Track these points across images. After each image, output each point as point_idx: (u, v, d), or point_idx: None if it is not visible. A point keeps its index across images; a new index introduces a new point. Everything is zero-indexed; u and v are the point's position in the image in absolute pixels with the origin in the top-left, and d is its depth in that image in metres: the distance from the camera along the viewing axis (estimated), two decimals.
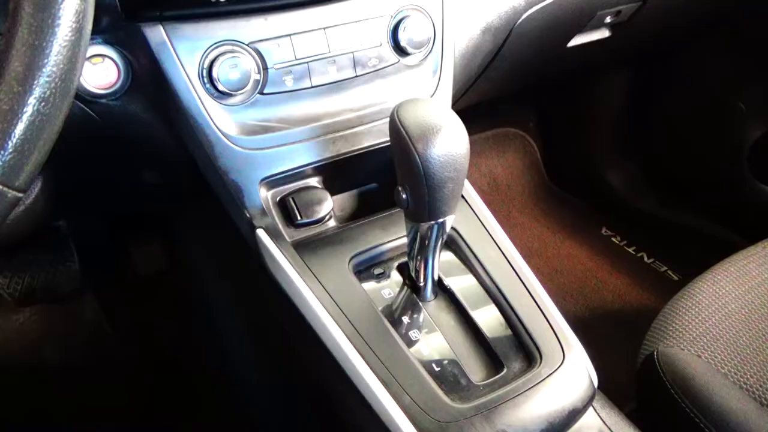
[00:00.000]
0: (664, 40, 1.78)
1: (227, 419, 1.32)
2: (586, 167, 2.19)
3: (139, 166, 1.04)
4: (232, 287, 1.23)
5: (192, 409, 1.43)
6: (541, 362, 0.79)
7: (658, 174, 2.07)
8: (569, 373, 0.78)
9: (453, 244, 0.91)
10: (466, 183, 0.95)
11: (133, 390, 1.49)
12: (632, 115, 2.06)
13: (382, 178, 0.97)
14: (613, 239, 2.04)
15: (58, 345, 1.51)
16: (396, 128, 0.71)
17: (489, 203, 1.97)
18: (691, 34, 1.77)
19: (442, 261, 0.88)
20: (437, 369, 0.78)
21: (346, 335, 0.77)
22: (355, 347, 0.76)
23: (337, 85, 0.90)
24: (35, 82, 0.50)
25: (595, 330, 1.71)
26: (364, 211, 0.95)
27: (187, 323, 1.48)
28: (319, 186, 0.93)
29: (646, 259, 1.96)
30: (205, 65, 0.81)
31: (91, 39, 0.76)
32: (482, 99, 1.52)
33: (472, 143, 2.23)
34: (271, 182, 0.88)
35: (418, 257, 0.81)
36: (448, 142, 0.69)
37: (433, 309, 0.85)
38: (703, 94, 1.84)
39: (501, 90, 1.59)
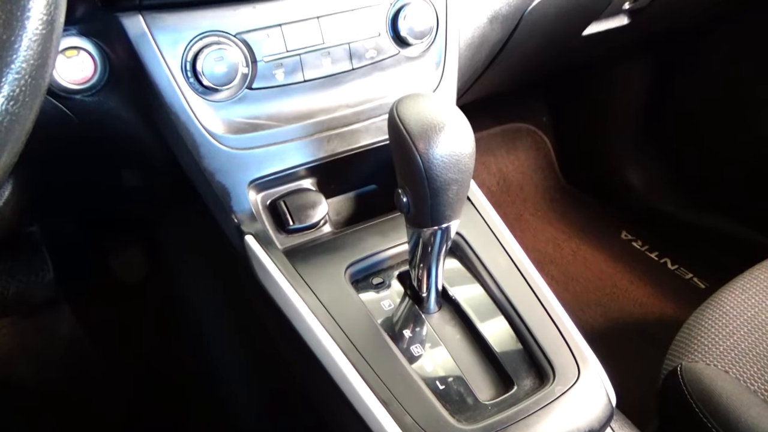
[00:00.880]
0: (687, 27, 1.78)
1: None
2: (603, 165, 2.19)
3: (119, 167, 1.04)
4: (220, 298, 1.23)
5: (176, 429, 1.43)
6: (554, 379, 0.78)
7: (682, 172, 2.07)
8: (585, 390, 0.78)
9: (458, 250, 0.90)
10: (473, 184, 0.95)
11: (113, 408, 1.49)
12: (653, 109, 2.06)
13: (381, 179, 0.96)
14: (634, 244, 2.04)
15: (31, 360, 1.51)
16: (395, 126, 0.71)
17: (498, 205, 1.96)
18: (716, 19, 1.77)
19: (447, 269, 0.87)
20: (441, 387, 0.78)
21: (342, 350, 0.77)
22: (351, 363, 0.76)
23: (331, 79, 0.90)
24: (3, 79, 0.50)
25: (614, 343, 1.71)
26: (361, 215, 0.95)
27: (170, 336, 1.48)
28: (313, 188, 0.93)
29: (669, 265, 1.95)
30: (189, 58, 0.81)
31: (65, 30, 0.76)
32: (490, 93, 1.52)
33: (479, 140, 2.24)
34: (261, 184, 0.88)
35: (421, 265, 0.81)
36: (452, 141, 0.68)
37: (436, 321, 0.85)
38: (731, 84, 1.84)
39: (510, 83, 1.59)
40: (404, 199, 0.74)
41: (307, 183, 0.92)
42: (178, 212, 1.27)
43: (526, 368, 0.81)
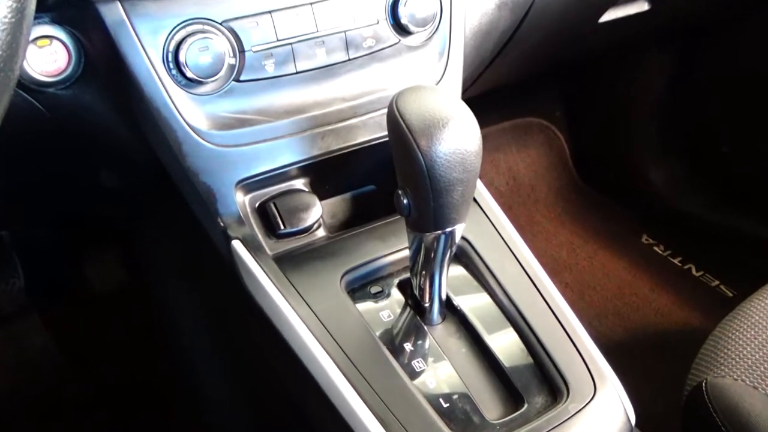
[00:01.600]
0: (714, 12, 1.78)
1: None
2: (622, 163, 2.19)
3: (95, 166, 1.04)
4: (205, 309, 1.23)
5: None
6: (568, 396, 0.79)
7: (708, 170, 2.07)
8: (602, 408, 0.78)
9: (464, 256, 0.90)
10: (479, 184, 0.95)
11: (88, 425, 1.49)
12: (677, 103, 2.06)
13: (380, 179, 0.97)
14: (655, 248, 2.04)
15: (0, 372, 1.51)
16: (395, 121, 0.71)
17: (508, 207, 1.95)
18: (743, 9, 1.77)
19: (451, 277, 0.88)
20: (445, 405, 0.78)
21: (337, 365, 0.77)
22: (347, 379, 0.76)
23: (326, 71, 0.90)
24: None
25: (634, 357, 1.71)
26: (358, 218, 0.95)
27: (151, 349, 1.48)
28: (306, 189, 0.93)
29: (694, 271, 1.95)
30: (171, 48, 0.81)
31: (37, 18, 0.76)
32: (499, 85, 1.52)
33: (487, 136, 2.24)
34: (249, 185, 0.88)
35: (423, 273, 0.81)
36: (457, 137, 0.69)
37: (440, 334, 0.85)
38: (761, 76, 1.84)
39: (520, 74, 1.59)
40: (405, 201, 0.74)
41: (300, 183, 0.92)
42: (158, 216, 1.27)
43: (537, 384, 0.81)
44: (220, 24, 0.83)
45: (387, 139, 0.79)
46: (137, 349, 1.52)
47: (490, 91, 1.51)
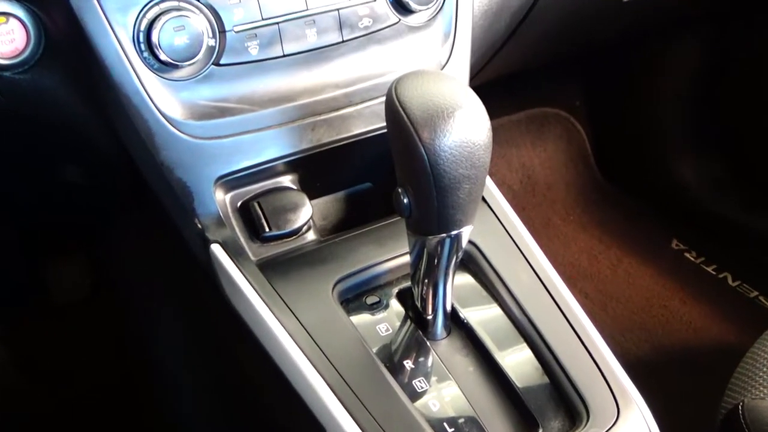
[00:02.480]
0: None
1: None
2: (650, 159, 2.19)
3: (57, 160, 1.04)
4: (180, 321, 1.23)
5: None
6: (588, 420, 0.78)
7: (746, 169, 2.07)
8: None
9: (471, 263, 0.90)
10: (489, 182, 0.95)
11: None
12: (711, 92, 2.07)
13: (378, 176, 0.97)
14: (687, 255, 2.04)
15: None
16: (395, 110, 0.71)
17: (521, 208, 1.94)
18: None
19: (457, 286, 0.87)
20: (450, 430, 0.78)
21: (329, 385, 0.77)
22: (340, 401, 0.76)
23: (317, 54, 0.90)
24: None
25: (662, 376, 1.71)
26: (353, 219, 0.95)
27: (119, 367, 1.48)
28: (294, 187, 0.92)
29: (730, 281, 1.95)
30: (142, 27, 0.81)
31: None
32: (511, 71, 1.52)
33: (499, 128, 2.24)
34: (230, 182, 0.88)
35: (425, 281, 0.81)
36: (464, 129, 0.69)
37: (445, 350, 0.84)
38: None
39: (536, 59, 1.59)
40: (405, 201, 0.74)
41: (287, 180, 0.92)
42: (128, 217, 1.27)
43: (553, 407, 0.81)
44: (198, 0, 0.83)
45: (385, 130, 0.78)
46: (105, 365, 1.52)
47: (502, 77, 1.51)
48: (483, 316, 0.87)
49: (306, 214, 0.90)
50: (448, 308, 0.84)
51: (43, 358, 1.57)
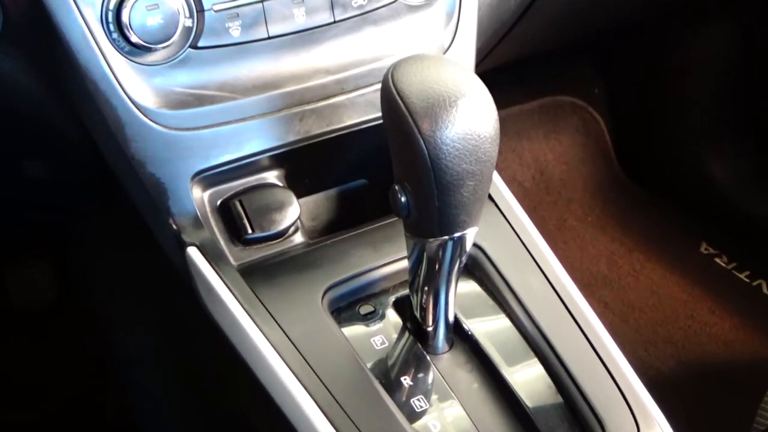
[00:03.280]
0: None
1: None
2: (677, 154, 2.19)
3: (17, 153, 1.04)
4: (154, 332, 1.23)
5: None
6: None
7: None
8: None
9: (476, 269, 0.90)
10: (497, 178, 0.95)
11: None
12: (745, 80, 2.07)
13: (373, 172, 0.97)
14: (717, 260, 2.04)
15: None
16: (391, 99, 0.71)
17: (533, 208, 1.94)
18: None
19: (461, 294, 0.87)
20: None
21: (318, 404, 0.77)
22: (330, 422, 0.76)
23: (306, 36, 0.90)
24: None
25: (688, 393, 1.71)
26: (345, 220, 0.95)
27: (88, 380, 1.48)
28: (280, 184, 0.93)
29: (765, 289, 1.96)
30: (111, 5, 0.80)
31: None
32: (522, 55, 1.52)
33: (507, 119, 2.24)
34: (209, 178, 0.88)
35: (425, 289, 0.81)
36: (468, 120, 0.68)
37: (446, 365, 0.84)
38: None
39: (549, 42, 1.59)
40: (403, 199, 0.74)
41: (272, 176, 0.92)
42: (97, 216, 1.27)
43: (566, 428, 0.81)
44: None
45: (381, 121, 0.78)
46: (71, 378, 1.52)
47: (512, 62, 1.51)
48: (489, 327, 0.87)
49: (293, 213, 0.90)
50: (451, 319, 0.84)
51: (4, 370, 1.57)
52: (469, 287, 0.90)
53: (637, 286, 1.97)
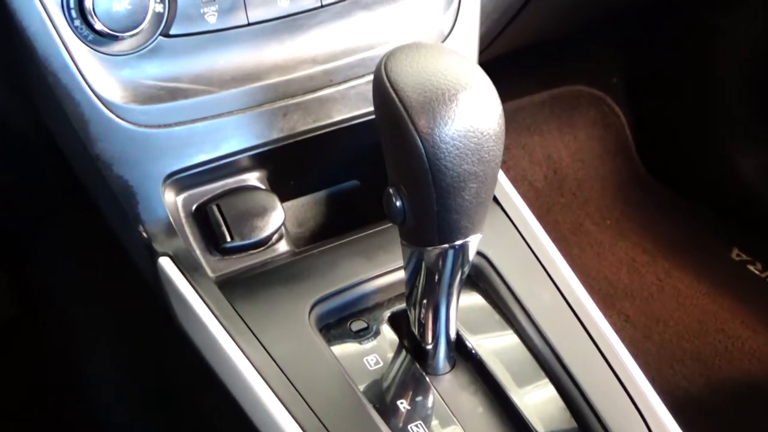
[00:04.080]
0: None
1: None
2: (705, 150, 2.19)
3: None
4: (123, 351, 1.23)
5: None
6: None
7: None
8: None
9: (481, 280, 0.91)
10: (503, 179, 0.95)
11: None
12: None
13: (365, 172, 0.97)
14: (751, 268, 2.04)
15: None
16: (385, 92, 0.71)
17: (545, 211, 1.95)
18: None
19: (464, 308, 0.88)
20: None
21: (304, 431, 0.77)
22: None
23: (290, 22, 0.90)
24: None
25: (720, 416, 1.71)
26: (335, 226, 0.96)
27: (49, 403, 1.48)
28: (263, 186, 0.93)
29: None
30: None
31: None
32: (531, 41, 1.52)
33: (517, 112, 2.23)
34: (184, 180, 0.88)
35: (424, 302, 0.81)
36: (469, 116, 0.69)
37: (448, 387, 0.85)
38: None
39: (562, 25, 1.59)
40: (398, 203, 0.74)
41: (254, 178, 0.93)
42: (59, 223, 1.27)
43: None
44: None
45: (374, 117, 0.79)
46: (30, 403, 1.52)
47: (520, 49, 1.51)
48: (495, 345, 0.87)
49: (277, 219, 0.90)
50: (452, 336, 0.84)
51: None
52: (472, 300, 0.90)
53: (662, 298, 1.97)
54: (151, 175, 0.86)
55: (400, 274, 0.86)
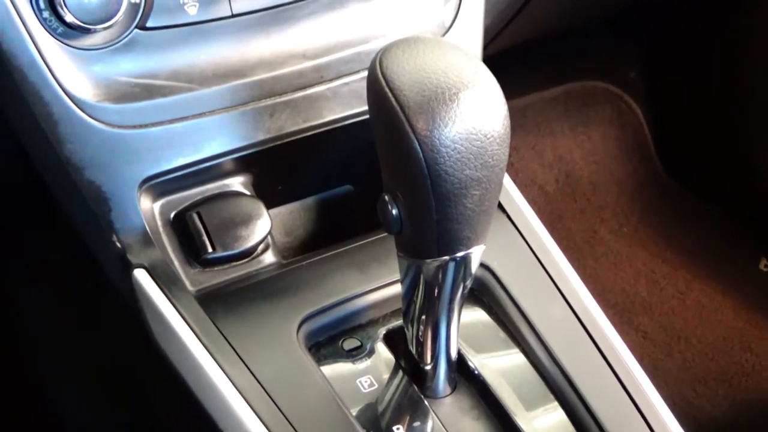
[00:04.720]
0: None
1: None
2: (730, 151, 2.19)
3: None
4: (94, 370, 1.23)
5: None
6: None
7: None
8: None
9: (485, 295, 0.91)
10: (509, 184, 0.95)
11: None
12: None
13: (359, 177, 0.97)
14: None
15: None
16: (380, 91, 0.71)
17: (557, 217, 1.95)
18: None
19: (466, 325, 0.88)
20: None
21: None
22: None
23: (277, 14, 0.91)
24: None
25: None
26: (326, 236, 0.96)
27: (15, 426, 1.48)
28: (247, 192, 0.93)
29: None
30: None
31: None
32: (540, 33, 1.53)
33: (528, 109, 2.23)
34: (161, 185, 0.88)
35: (422, 319, 0.81)
36: (472, 117, 0.69)
37: (449, 411, 0.85)
38: None
39: (574, 16, 1.60)
40: (394, 212, 0.74)
41: (237, 183, 0.93)
42: (25, 233, 1.27)
43: None
44: None
45: (368, 116, 0.79)
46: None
47: (529, 43, 1.51)
48: (500, 365, 0.88)
49: (262, 228, 0.90)
50: (453, 355, 0.84)
51: None
52: (475, 316, 0.91)
53: (683, 312, 1.97)
54: (126, 180, 0.86)
55: (397, 288, 0.87)
